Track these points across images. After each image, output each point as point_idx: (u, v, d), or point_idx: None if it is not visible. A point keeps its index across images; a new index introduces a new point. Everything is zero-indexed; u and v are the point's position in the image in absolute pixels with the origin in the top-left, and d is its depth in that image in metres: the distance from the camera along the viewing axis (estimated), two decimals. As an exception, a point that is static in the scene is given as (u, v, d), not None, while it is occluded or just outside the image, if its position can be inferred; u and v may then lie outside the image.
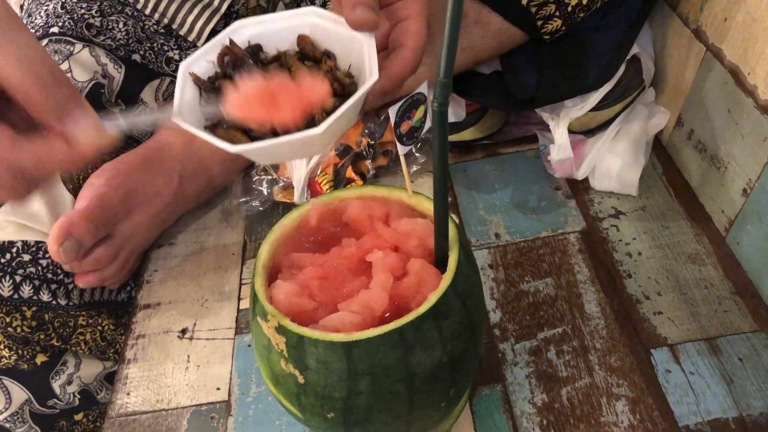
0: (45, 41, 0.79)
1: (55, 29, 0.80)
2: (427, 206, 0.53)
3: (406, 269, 0.49)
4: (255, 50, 0.51)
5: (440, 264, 0.49)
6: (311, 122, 0.46)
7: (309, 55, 0.50)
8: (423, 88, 0.49)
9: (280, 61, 0.50)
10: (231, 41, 0.50)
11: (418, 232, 0.51)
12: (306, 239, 0.54)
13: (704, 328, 0.64)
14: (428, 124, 0.51)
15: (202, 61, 0.50)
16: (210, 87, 0.49)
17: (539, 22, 0.70)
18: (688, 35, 0.76)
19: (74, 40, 0.80)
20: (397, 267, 0.49)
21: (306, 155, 0.49)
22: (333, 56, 0.50)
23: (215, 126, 0.48)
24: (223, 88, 0.49)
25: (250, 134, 0.46)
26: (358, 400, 0.46)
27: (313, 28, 0.51)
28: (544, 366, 0.63)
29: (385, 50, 0.51)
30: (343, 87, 0.48)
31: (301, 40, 0.51)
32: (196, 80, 0.50)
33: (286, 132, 0.44)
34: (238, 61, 0.49)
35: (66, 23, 0.81)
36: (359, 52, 0.49)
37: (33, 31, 0.81)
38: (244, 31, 0.51)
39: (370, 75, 0.47)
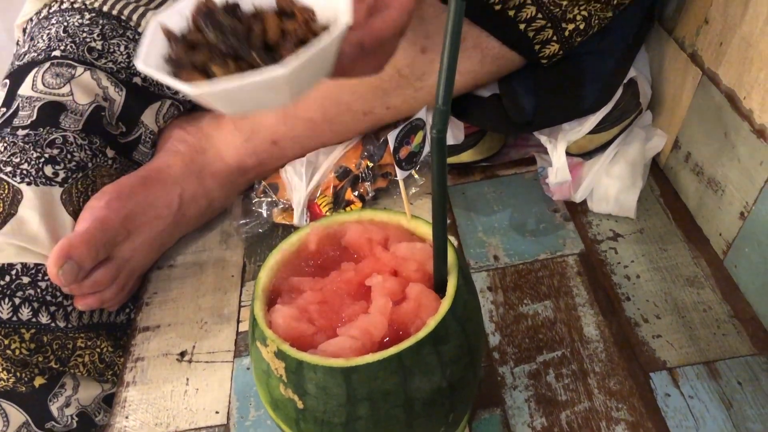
0: (47, 64, 0.80)
1: (57, 52, 0.81)
2: (426, 230, 0.53)
3: (405, 294, 0.49)
4: (232, 7, 0.49)
5: (439, 288, 0.49)
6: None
7: (287, 10, 0.49)
8: (422, 114, 0.50)
9: (261, 16, 0.48)
10: None
11: (417, 256, 0.51)
12: (305, 263, 0.54)
13: (703, 352, 0.64)
14: (427, 149, 0.51)
15: (175, 16, 0.49)
16: (180, 39, 0.48)
17: (537, 47, 0.71)
18: (685, 59, 0.77)
19: (76, 64, 0.80)
20: (396, 291, 0.49)
21: (274, 104, 0.46)
22: (311, 11, 0.49)
23: (178, 74, 0.46)
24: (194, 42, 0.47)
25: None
26: (357, 425, 0.46)
27: None
28: (543, 389, 0.63)
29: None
30: None
31: None
32: (167, 32, 0.48)
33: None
34: (212, 12, 0.48)
35: (68, 46, 0.81)
36: (338, 7, 0.47)
37: (35, 53, 0.82)
38: None
39: (337, 22, 0.45)
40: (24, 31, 0.92)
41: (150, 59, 0.47)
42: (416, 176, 0.84)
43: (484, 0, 0.66)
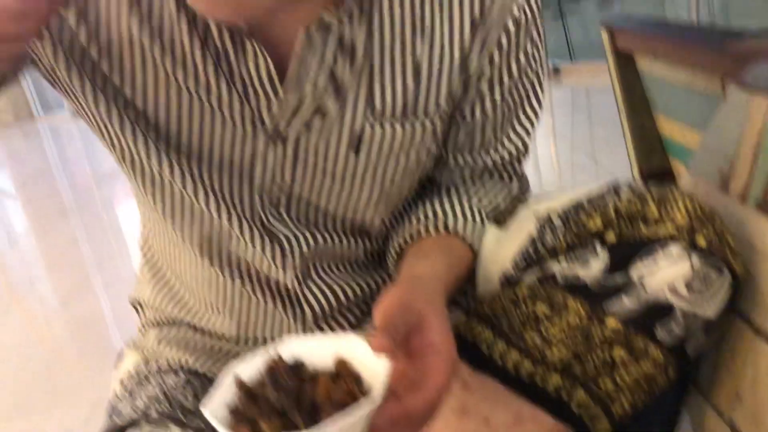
0: (144, 424, 0.89)
1: (153, 413, 0.90)
2: None
3: None
4: (298, 366, 0.58)
5: None
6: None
7: (340, 374, 0.56)
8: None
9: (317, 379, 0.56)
10: (279, 356, 0.58)
11: None
12: None
13: None
14: None
15: (250, 367, 0.57)
16: (247, 394, 0.55)
17: (589, 426, 0.78)
18: (724, 428, 0.83)
19: (170, 424, 0.89)
20: None
21: None
22: (359, 377, 0.57)
23: (236, 425, 0.53)
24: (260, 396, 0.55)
25: None
26: None
27: (350, 348, 0.58)
28: None
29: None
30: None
31: (340, 363, 0.58)
32: (238, 382, 0.56)
33: None
34: (278, 371, 0.56)
35: (164, 407, 0.91)
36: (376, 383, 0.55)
37: (134, 413, 0.91)
38: (292, 346, 0.59)
39: (368, 399, 0.52)
40: (122, 383, 1.03)
41: (215, 405, 0.55)
42: None
43: (540, 387, 0.75)
